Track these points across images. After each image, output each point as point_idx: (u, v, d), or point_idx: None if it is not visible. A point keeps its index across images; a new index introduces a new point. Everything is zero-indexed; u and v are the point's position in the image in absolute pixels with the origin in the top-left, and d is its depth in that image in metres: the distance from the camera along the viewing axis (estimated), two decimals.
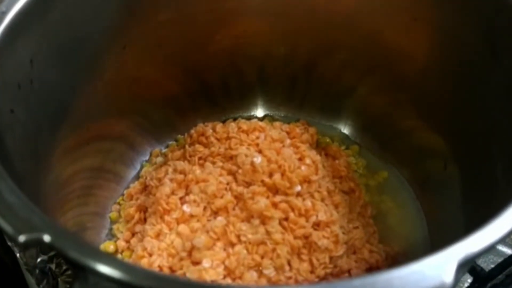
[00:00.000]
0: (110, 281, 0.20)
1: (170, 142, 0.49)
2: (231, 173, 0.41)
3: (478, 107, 0.36)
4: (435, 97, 0.41)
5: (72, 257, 0.20)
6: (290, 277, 0.36)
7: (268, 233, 0.37)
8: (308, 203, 0.38)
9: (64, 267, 0.40)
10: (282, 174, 0.39)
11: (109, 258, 0.20)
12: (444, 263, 0.20)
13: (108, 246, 0.41)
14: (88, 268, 0.20)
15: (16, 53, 0.31)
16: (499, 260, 0.41)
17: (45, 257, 0.40)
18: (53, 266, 0.40)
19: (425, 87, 0.42)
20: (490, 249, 0.21)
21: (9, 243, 0.41)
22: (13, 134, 0.30)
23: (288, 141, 0.43)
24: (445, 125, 0.40)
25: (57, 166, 0.37)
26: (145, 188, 0.44)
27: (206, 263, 0.36)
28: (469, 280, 0.40)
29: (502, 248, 0.42)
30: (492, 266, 0.41)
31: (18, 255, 0.41)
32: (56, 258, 0.40)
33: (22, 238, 0.20)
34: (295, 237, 0.37)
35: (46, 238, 0.20)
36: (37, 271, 0.40)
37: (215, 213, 0.39)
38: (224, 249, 0.37)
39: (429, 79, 0.41)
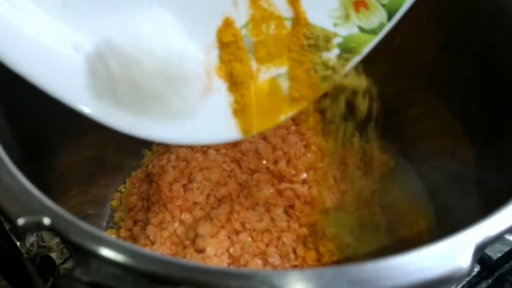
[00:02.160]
0: (114, 265, 0.19)
1: None
2: (235, 160, 0.40)
3: (492, 90, 0.35)
4: (446, 82, 0.40)
5: (73, 241, 0.19)
6: (296, 266, 0.35)
7: (273, 220, 0.36)
8: (314, 190, 0.38)
9: (66, 256, 0.40)
10: (288, 161, 0.39)
11: (113, 242, 0.19)
12: (460, 246, 0.20)
13: (110, 235, 0.40)
14: (90, 252, 0.19)
15: None
16: (507, 249, 0.40)
17: (46, 246, 0.40)
18: (54, 255, 0.40)
19: (435, 73, 0.41)
20: (509, 231, 0.20)
21: (9, 231, 0.40)
22: (12, 118, 0.29)
23: (293, 128, 0.43)
24: (458, 109, 0.39)
25: (58, 154, 0.36)
26: (147, 176, 0.43)
27: (210, 251, 0.35)
28: (476, 269, 0.40)
29: (510, 237, 0.41)
30: (499, 255, 0.40)
31: (18, 243, 0.40)
32: (57, 247, 0.40)
33: (21, 221, 0.20)
34: (301, 225, 0.36)
35: (46, 221, 0.20)
36: (37, 260, 0.40)
37: (219, 201, 0.38)
38: (229, 237, 0.36)
39: (439, 64, 0.40)
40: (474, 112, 0.37)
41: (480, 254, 0.38)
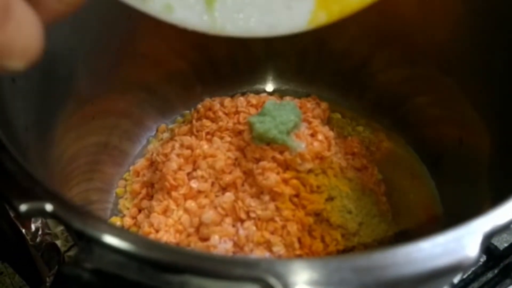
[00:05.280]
0: (117, 252, 0.19)
1: (177, 118, 0.48)
2: (239, 148, 0.40)
3: (503, 77, 0.34)
4: (455, 70, 0.39)
5: (75, 228, 0.19)
6: (300, 255, 0.35)
7: (278, 209, 0.36)
8: (320, 179, 0.37)
9: (70, 244, 0.40)
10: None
11: (115, 229, 0.19)
12: (468, 235, 0.19)
13: (115, 223, 0.40)
14: (93, 239, 0.19)
15: None
16: None
17: (51, 233, 0.40)
18: (59, 243, 0.40)
19: (440, 62, 0.40)
20: None
21: (14, 219, 0.40)
22: (14, 103, 0.29)
23: None
24: (474, 97, 0.37)
25: (62, 141, 0.36)
26: (152, 164, 0.43)
27: (214, 240, 0.35)
28: (482, 259, 0.40)
29: None
30: (506, 245, 0.40)
31: (23, 231, 0.40)
32: (62, 234, 0.40)
33: (23, 208, 0.20)
34: (306, 214, 0.36)
35: (48, 207, 0.19)
36: (42, 247, 0.40)
37: (224, 189, 0.38)
38: (233, 226, 0.36)
39: (448, 52, 0.39)
40: (492, 99, 0.36)
41: (487, 244, 0.37)
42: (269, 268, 0.19)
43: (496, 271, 0.39)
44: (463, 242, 0.19)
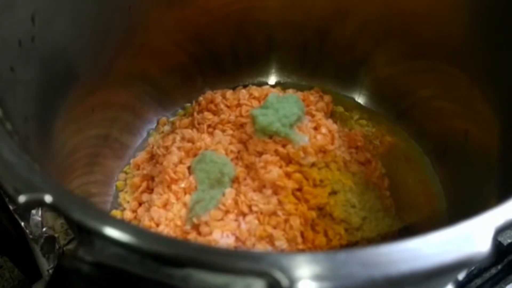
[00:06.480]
0: (117, 245, 0.18)
1: (178, 110, 0.48)
2: (242, 141, 0.39)
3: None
4: (462, 61, 0.38)
5: (76, 219, 0.19)
6: (303, 249, 0.35)
7: (280, 203, 0.36)
8: (323, 173, 0.37)
9: (70, 237, 0.39)
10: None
11: (116, 221, 0.19)
12: (479, 230, 0.19)
13: (115, 216, 0.40)
14: (93, 231, 0.19)
15: (16, 8, 0.29)
16: None
17: (50, 227, 0.39)
18: (58, 236, 0.39)
19: (448, 54, 0.39)
20: None
21: (14, 212, 0.40)
22: (13, 93, 0.29)
23: None
24: (484, 91, 0.37)
25: (62, 133, 0.35)
26: (152, 157, 0.42)
27: (216, 234, 0.34)
28: None
29: None
30: (510, 241, 0.40)
31: (22, 224, 0.40)
32: (62, 228, 0.39)
33: (22, 199, 0.19)
34: (309, 208, 0.36)
35: (48, 198, 0.19)
36: (42, 240, 0.39)
37: None
38: (235, 220, 0.35)
39: (455, 43, 0.38)
40: (502, 89, 0.35)
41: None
42: (275, 262, 0.18)
43: (499, 267, 0.39)
44: (474, 237, 0.19)
